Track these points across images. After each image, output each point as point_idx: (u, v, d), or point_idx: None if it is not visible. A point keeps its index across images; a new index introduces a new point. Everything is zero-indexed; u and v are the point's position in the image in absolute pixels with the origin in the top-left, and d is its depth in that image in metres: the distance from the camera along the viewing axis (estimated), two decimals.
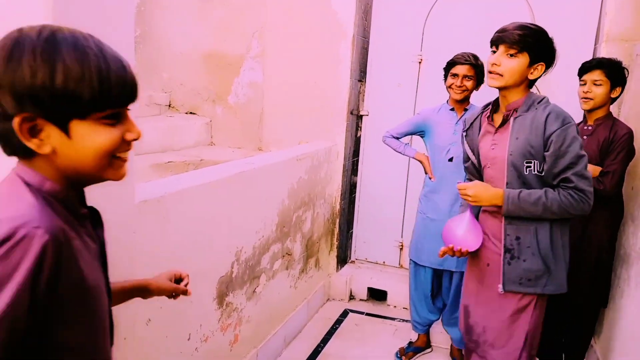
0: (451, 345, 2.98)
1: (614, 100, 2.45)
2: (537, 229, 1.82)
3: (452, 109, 2.74)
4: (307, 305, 3.19)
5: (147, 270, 1.69)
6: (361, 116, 3.67)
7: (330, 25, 3.33)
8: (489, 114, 1.93)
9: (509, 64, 1.75)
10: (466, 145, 2.02)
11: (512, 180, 1.81)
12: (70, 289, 0.80)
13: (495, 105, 1.92)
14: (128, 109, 0.88)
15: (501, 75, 1.76)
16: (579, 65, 3.04)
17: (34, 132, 0.79)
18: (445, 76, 2.73)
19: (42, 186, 0.82)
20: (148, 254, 1.70)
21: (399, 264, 3.70)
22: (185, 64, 3.85)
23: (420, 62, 3.43)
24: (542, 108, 1.77)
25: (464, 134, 2.05)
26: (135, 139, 0.89)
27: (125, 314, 1.45)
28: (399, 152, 2.96)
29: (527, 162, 1.77)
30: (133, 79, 0.86)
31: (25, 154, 0.82)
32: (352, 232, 3.83)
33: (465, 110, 2.72)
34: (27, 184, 0.81)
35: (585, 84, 2.43)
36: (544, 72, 1.79)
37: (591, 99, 2.40)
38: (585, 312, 2.54)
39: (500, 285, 1.86)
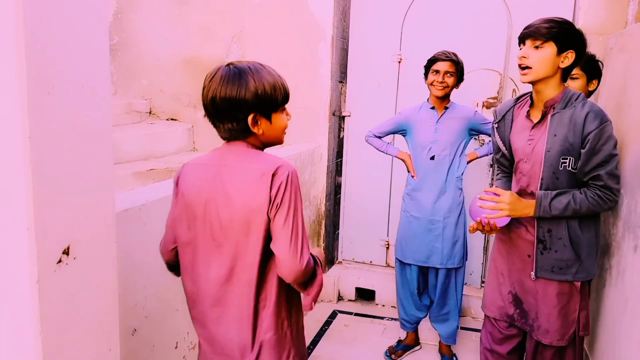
0: (439, 342, 3.00)
1: (590, 93, 2.49)
2: (569, 222, 1.91)
3: (433, 108, 2.76)
4: None
5: (131, 279, 1.68)
6: (343, 117, 3.68)
7: (309, 27, 3.34)
8: (527, 108, 1.97)
9: (536, 55, 1.80)
10: (498, 138, 2.07)
11: (547, 175, 1.88)
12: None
13: (531, 100, 1.97)
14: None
15: (530, 68, 1.81)
16: None
17: (255, 123, 1.33)
18: (426, 74, 2.75)
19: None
20: (131, 264, 1.68)
21: (386, 262, 3.71)
22: (165, 70, 3.82)
23: (399, 62, 3.45)
24: (581, 106, 1.82)
25: (496, 126, 2.08)
26: (289, 118, 1.45)
27: (109, 325, 1.43)
28: (382, 151, 2.98)
29: (563, 159, 1.83)
30: (286, 87, 1.41)
31: (241, 137, 1.37)
32: (338, 232, 3.83)
33: (446, 108, 2.74)
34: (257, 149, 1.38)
35: None
36: (576, 60, 1.82)
37: None
38: None
39: (533, 273, 1.97)
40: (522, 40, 1.86)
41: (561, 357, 2.06)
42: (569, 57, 1.79)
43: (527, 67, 1.82)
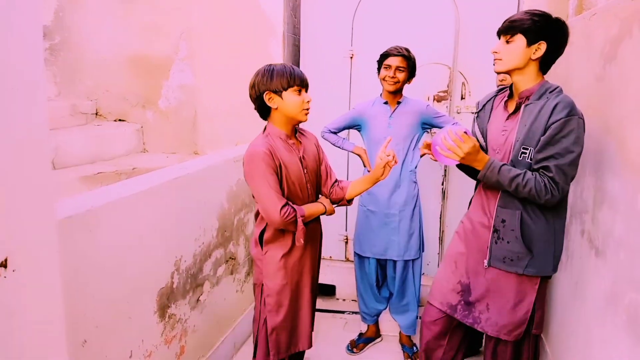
0: (400, 332, 3.03)
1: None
2: (522, 214, 1.92)
3: (386, 102, 2.78)
4: None
5: (78, 288, 1.60)
6: None
7: (259, 24, 3.29)
8: (506, 98, 2.00)
9: (505, 49, 1.88)
10: (476, 128, 2.08)
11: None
12: (279, 169, 1.92)
13: (510, 91, 2.00)
14: (306, 89, 1.97)
15: (500, 60, 1.89)
16: None
17: (270, 99, 1.92)
18: (379, 69, 2.76)
19: (272, 131, 1.98)
20: (76, 272, 1.60)
21: (345, 257, 3.72)
22: (111, 69, 3.68)
23: (351, 57, 3.45)
24: (554, 97, 1.83)
25: (476, 115, 2.11)
26: (309, 100, 1.96)
27: (56, 337, 1.36)
28: (338, 147, 2.97)
29: (523, 148, 1.85)
30: (300, 73, 1.95)
31: (267, 115, 2.00)
32: None
33: (399, 103, 2.76)
34: (267, 131, 1.98)
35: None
36: (551, 51, 1.85)
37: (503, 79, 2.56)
38: None
39: (486, 261, 2.00)
40: (498, 36, 1.93)
41: (516, 353, 2.09)
42: (541, 47, 1.82)
43: (498, 59, 1.91)
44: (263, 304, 2.05)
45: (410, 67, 2.69)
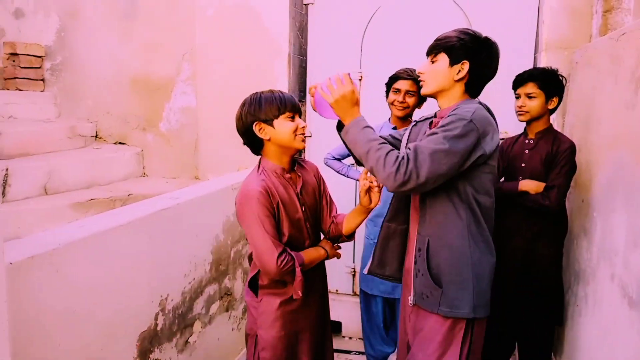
0: None
1: (552, 111, 2.36)
2: (429, 241, 1.67)
3: (395, 128, 2.59)
4: None
5: (41, 334, 1.42)
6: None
7: (264, 44, 3.15)
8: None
9: (429, 69, 1.72)
10: (405, 137, 1.88)
11: None
12: (276, 210, 1.72)
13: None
14: (297, 114, 1.74)
15: (424, 81, 1.73)
16: None
17: (261, 130, 1.71)
18: (387, 92, 2.59)
19: (267, 166, 1.77)
20: (36, 318, 1.43)
21: (353, 291, 3.49)
22: (112, 90, 3.57)
23: (360, 79, 3.29)
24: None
25: (411, 125, 1.90)
26: (304, 126, 1.74)
27: None
28: (342, 174, 2.79)
29: None
30: (291, 98, 1.75)
31: (259, 148, 1.79)
32: None
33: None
34: (262, 167, 1.77)
35: (519, 97, 2.35)
36: (476, 72, 1.67)
37: (527, 111, 2.32)
38: (539, 331, 2.41)
39: (411, 297, 1.74)
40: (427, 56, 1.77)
41: None
42: (464, 68, 1.66)
43: (423, 80, 1.75)
44: (257, 358, 1.84)
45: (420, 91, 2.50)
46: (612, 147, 2.01)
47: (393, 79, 2.55)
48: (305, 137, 1.78)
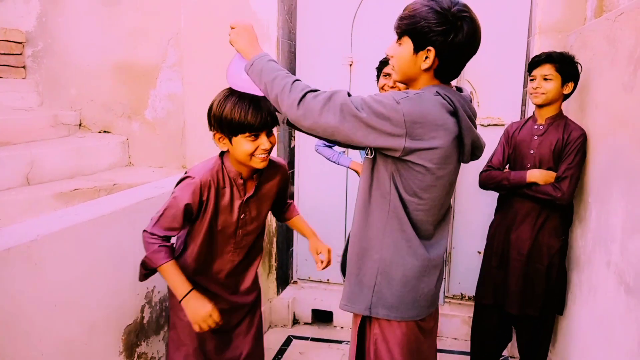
0: None
1: (566, 97, 2.30)
2: (350, 236, 1.59)
3: None
4: None
5: (18, 330, 1.35)
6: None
7: None
8: None
9: (395, 51, 1.48)
10: None
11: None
12: (205, 211, 1.68)
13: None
14: (264, 132, 1.61)
15: (393, 66, 1.50)
16: (513, 59, 2.93)
17: (220, 139, 1.65)
18: (378, 76, 2.52)
19: (226, 164, 1.70)
20: (16, 312, 1.36)
21: (343, 280, 3.45)
22: (96, 77, 3.46)
23: (351, 65, 3.21)
24: None
25: None
26: (266, 148, 1.61)
27: None
28: (333, 162, 2.73)
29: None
30: (260, 117, 1.58)
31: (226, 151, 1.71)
32: (292, 250, 3.55)
33: None
34: (219, 162, 1.71)
35: (534, 79, 2.28)
36: (445, 59, 1.40)
37: (543, 93, 2.25)
38: (541, 323, 2.38)
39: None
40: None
41: None
42: (430, 56, 1.39)
43: (392, 65, 1.53)
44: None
45: None
46: (609, 131, 1.97)
47: (383, 63, 2.49)
48: (264, 158, 1.64)
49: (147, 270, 1.64)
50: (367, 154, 1.52)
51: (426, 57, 1.40)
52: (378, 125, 1.32)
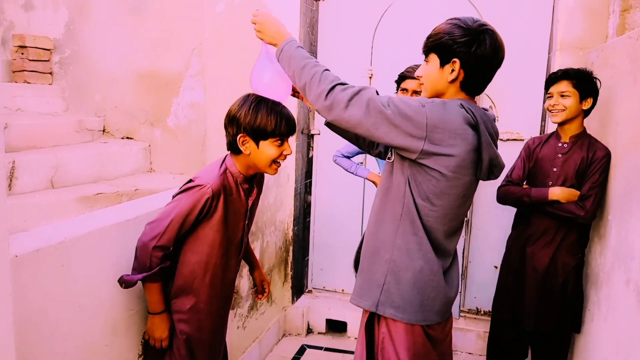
0: None
1: (587, 113, 2.28)
2: (365, 234, 1.65)
3: None
4: (258, 346, 2.90)
5: (46, 331, 1.39)
6: (312, 135, 3.45)
7: None
8: None
9: (424, 70, 1.57)
10: None
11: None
12: (215, 218, 1.65)
13: None
14: (287, 139, 1.68)
15: (423, 84, 1.58)
16: (533, 75, 2.94)
17: (244, 142, 1.63)
18: (397, 90, 2.54)
19: (231, 168, 1.68)
20: (46, 313, 1.40)
21: (355, 275, 3.45)
22: (120, 85, 3.55)
23: (370, 77, 3.25)
24: None
25: None
26: (288, 154, 1.68)
27: None
28: (351, 173, 2.76)
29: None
30: (290, 123, 1.65)
31: (236, 152, 1.68)
32: (307, 259, 3.57)
33: None
34: (225, 166, 1.68)
35: (552, 97, 2.27)
36: (470, 70, 1.48)
37: (562, 110, 2.24)
38: (557, 340, 2.37)
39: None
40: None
41: None
42: (456, 68, 1.47)
43: (421, 84, 1.61)
44: None
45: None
46: (631, 149, 1.97)
47: (401, 77, 2.51)
48: (280, 165, 1.71)
49: (132, 283, 1.62)
50: (388, 158, 1.58)
51: (452, 70, 1.48)
52: (401, 124, 1.38)
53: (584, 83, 2.21)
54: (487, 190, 2.91)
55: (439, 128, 1.40)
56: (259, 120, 1.59)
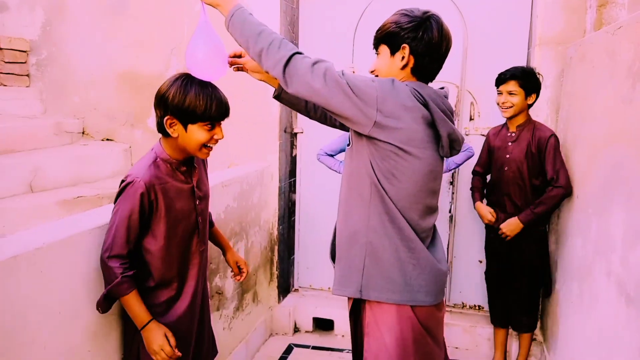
0: None
1: (530, 106, 2.58)
2: (337, 220, 1.69)
3: None
4: (245, 346, 2.89)
5: (24, 339, 1.36)
6: (296, 134, 3.44)
7: None
8: None
9: (376, 63, 1.66)
10: None
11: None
12: (161, 210, 1.59)
13: None
14: (220, 122, 1.62)
15: (377, 75, 1.64)
16: None
17: (172, 125, 1.55)
18: None
19: (162, 155, 1.61)
20: (24, 321, 1.37)
21: (334, 266, 3.46)
22: (99, 86, 3.49)
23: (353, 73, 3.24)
24: None
25: None
26: (219, 139, 1.62)
27: None
28: (335, 171, 2.75)
29: None
30: (221, 106, 1.58)
31: (166, 135, 1.59)
32: (293, 258, 3.56)
33: None
34: (155, 154, 1.61)
35: (501, 94, 2.57)
36: (420, 54, 1.55)
37: (510, 106, 2.54)
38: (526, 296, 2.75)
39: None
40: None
41: None
42: (406, 53, 1.55)
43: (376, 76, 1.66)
44: None
45: None
46: (609, 143, 1.99)
47: None
48: (211, 149, 1.64)
49: (110, 301, 1.58)
50: (347, 145, 1.62)
51: (402, 57, 1.55)
52: (353, 95, 1.43)
53: (529, 82, 2.51)
54: (468, 185, 2.93)
55: (388, 101, 1.45)
56: (187, 102, 1.51)
